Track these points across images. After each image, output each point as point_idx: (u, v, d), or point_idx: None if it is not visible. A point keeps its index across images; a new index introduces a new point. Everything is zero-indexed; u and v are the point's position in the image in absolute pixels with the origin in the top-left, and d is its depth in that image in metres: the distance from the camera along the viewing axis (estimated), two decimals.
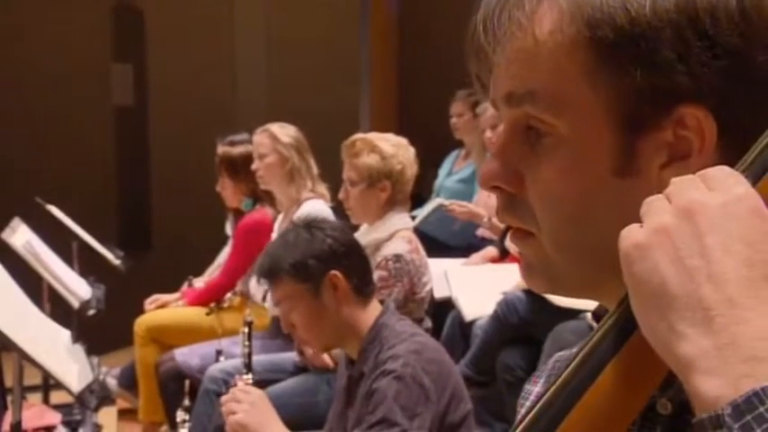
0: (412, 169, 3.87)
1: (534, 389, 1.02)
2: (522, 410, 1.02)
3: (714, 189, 0.64)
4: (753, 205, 0.63)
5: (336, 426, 2.75)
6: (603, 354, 0.67)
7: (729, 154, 0.76)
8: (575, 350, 0.97)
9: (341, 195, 3.91)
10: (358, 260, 2.73)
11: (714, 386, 0.58)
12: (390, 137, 3.92)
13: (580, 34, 0.78)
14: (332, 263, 2.65)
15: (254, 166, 4.57)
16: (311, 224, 2.75)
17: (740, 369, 0.58)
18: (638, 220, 0.73)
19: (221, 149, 5.09)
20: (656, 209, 0.65)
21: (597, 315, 0.88)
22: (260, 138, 4.57)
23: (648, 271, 0.62)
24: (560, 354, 1.02)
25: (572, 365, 0.68)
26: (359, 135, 4.02)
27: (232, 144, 5.06)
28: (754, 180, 0.66)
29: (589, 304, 0.87)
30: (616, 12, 0.76)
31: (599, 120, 0.78)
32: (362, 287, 2.69)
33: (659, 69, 0.76)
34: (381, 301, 2.73)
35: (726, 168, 0.66)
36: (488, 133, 5.08)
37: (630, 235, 0.65)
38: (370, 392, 2.50)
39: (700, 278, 0.60)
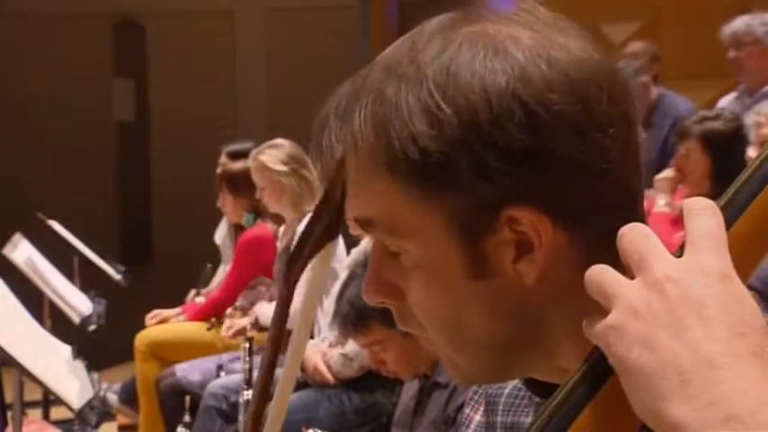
0: None
1: (475, 417, 1.04)
2: None
3: (682, 256, 0.64)
4: (722, 273, 0.63)
5: None
6: (578, 401, 0.67)
7: (575, 234, 0.78)
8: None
9: None
10: None
11: None
12: None
13: (385, 176, 0.80)
14: None
15: (257, 195, 4.54)
16: None
17: (723, 430, 0.58)
18: (510, 312, 0.79)
19: (223, 160, 5.10)
20: (620, 287, 0.64)
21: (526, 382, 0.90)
22: (254, 168, 4.47)
23: (625, 349, 0.62)
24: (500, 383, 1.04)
25: (546, 412, 0.68)
26: None
27: (233, 156, 5.05)
28: (736, 215, 0.67)
29: None
30: (407, 146, 0.78)
31: (437, 235, 0.80)
32: None
33: (465, 190, 0.77)
34: None
35: (696, 231, 0.65)
36: None
37: (605, 321, 0.65)
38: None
39: (675, 347, 0.61)
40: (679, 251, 0.65)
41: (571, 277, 0.67)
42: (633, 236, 0.66)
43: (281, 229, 4.63)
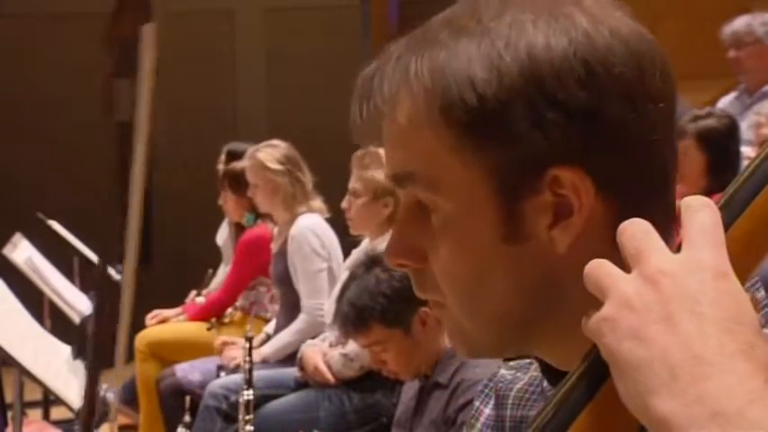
0: None
1: (485, 410, 1.04)
2: None
3: (679, 252, 0.65)
4: (717, 269, 0.64)
5: None
6: (577, 401, 0.67)
7: (614, 199, 0.79)
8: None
9: (344, 204, 3.91)
10: None
11: None
12: None
13: (436, 118, 0.80)
14: (419, 300, 2.67)
15: (249, 193, 4.54)
16: (384, 262, 2.75)
17: (709, 427, 0.58)
18: (535, 282, 0.79)
19: (224, 161, 5.11)
20: (615, 280, 0.65)
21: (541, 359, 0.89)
22: (249, 167, 4.47)
23: (617, 341, 0.63)
24: (503, 373, 1.03)
25: (544, 412, 0.68)
26: (370, 148, 4.01)
27: (234, 156, 5.07)
28: (735, 215, 0.67)
29: None
30: (465, 92, 0.78)
31: (477, 192, 0.80)
32: None
33: (517, 139, 0.78)
34: None
35: (694, 228, 0.65)
36: None
37: (598, 311, 0.66)
38: (461, 422, 2.55)
39: (665, 341, 0.61)
40: (678, 248, 0.65)
41: (600, 253, 0.67)
42: (633, 230, 0.66)
43: (276, 231, 4.63)
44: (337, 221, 4.26)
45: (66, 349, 3.42)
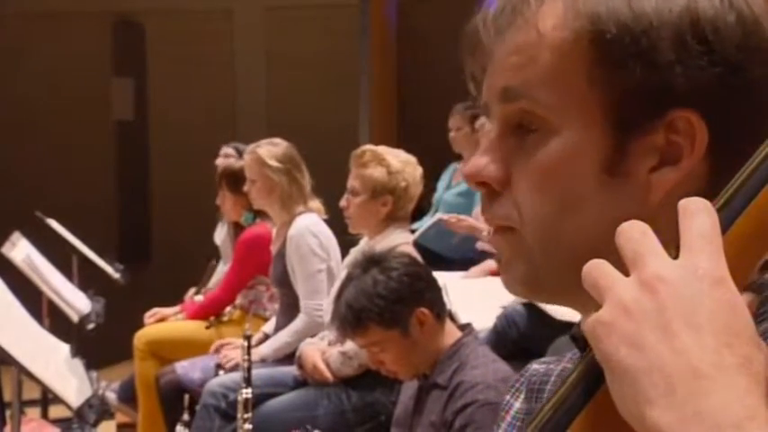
0: (416, 188, 3.86)
1: (515, 403, 1.02)
2: (503, 425, 1.03)
3: (678, 258, 0.64)
4: (715, 276, 0.63)
5: None
6: (575, 402, 0.67)
7: (720, 161, 0.79)
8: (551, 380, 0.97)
9: (342, 203, 3.91)
10: (434, 288, 2.78)
11: None
12: (400, 153, 3.92)
13: (583, 29, 0.80)
14: (416, 301, 2.70)
15: (245, 189, 4.53)
16: (381, 262, 2.78)
17: None
18: (619, 221, 0.74)
19: (221, 161, 5.13)
20: (613, 282, 0.64)
21: (575, 337, 0.88)
22: (249, 161, 4.45)
23: (613, 346, 0.62)
24: (535, 367, 1.02)
25: (543, 412, 0.68)
26: (369, 146, 4.02)
27: (227, 155, 5.08)
28: (734, 217, 0.66)
29: None
30: (620, 8, 0.79)
31: (594, 117, 0.80)
32: (441, 312, 2.75)
33: (657, 68, 0.78)
34: (464, 326, 2.80)
35: (692, 233, 0.65)
36: None
37: (595, 315, 0.65)
38: (459, 425, 2.54)
39: (663, 351, 0.60)
40: (674, 251, 0.65)
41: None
42: (631, 232, 0.66)
43: (274, 232, 4.62)
44: (336, 220, 4.26)
45: (64, 348, 3.42)
